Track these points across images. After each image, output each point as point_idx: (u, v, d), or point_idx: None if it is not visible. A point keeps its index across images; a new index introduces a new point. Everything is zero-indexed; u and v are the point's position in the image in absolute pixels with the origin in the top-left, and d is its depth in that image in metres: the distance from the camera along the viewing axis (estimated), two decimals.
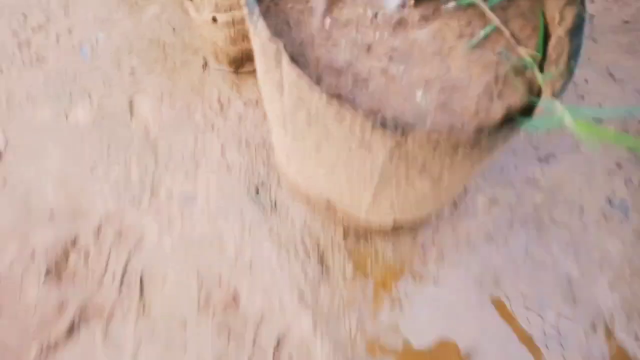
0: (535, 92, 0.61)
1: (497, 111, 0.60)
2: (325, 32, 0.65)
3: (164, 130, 1.13)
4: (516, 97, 0.61)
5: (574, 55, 0.53)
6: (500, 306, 0.97)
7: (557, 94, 0.52)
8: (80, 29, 1.25)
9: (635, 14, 1.23)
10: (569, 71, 0.52)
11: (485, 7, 0.65)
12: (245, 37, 1.07)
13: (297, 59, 0.63)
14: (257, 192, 1.06)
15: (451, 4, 0.66)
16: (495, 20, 0.65)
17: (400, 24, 0.66)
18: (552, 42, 0.63)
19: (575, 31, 0.54)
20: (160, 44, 1.23)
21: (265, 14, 0.65)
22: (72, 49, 1.23)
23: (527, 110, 0.59)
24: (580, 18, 0.54)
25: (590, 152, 1.12)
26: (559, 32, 0.61)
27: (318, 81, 0.62)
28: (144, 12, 1.27)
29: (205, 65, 1.20)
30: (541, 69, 0.64)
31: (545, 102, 0.47)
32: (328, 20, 0.66)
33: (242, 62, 1.16)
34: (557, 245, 1.04)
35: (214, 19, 1.01)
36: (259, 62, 0.65)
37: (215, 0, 0.97)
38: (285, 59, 0.53)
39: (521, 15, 0.67)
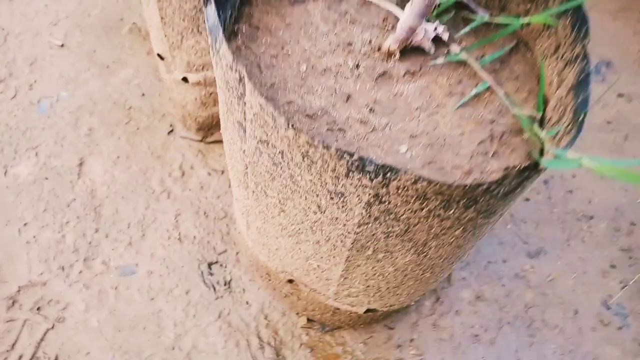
0: (534, 154, 0.54)
1: (494, 171, 0.52)
2: (300, 78, 0.59)
3: (113, 195, 1.02)
4: (515, 157, 0.54)
5: (582, 106, 0.47)
6: None
7: (569, 145, 0.45)
8: (42, 86, 1.18)
9: (616, 115, 1.24)
10: (579, 123, 0.45)
11: (476, 65, 0.61)
12: (216, 101, 1.01)
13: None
14: (210, 270, 0.93)
15: (440, 60, 0.61)
16: (488, 79, 0.60)
17: (384, 76, 0.61)
18: (551, 104, 0.58)
19: (581, 85, 0.49)
20: (126, 107, 1.16)
21: (235, 55, 0.59)
22: (30, 104, 1.16)
23: (527, 174, 0.52)
24: (585, 74, 0.49)
25: (582, 250, 1.04)
26: (559, 94, 0.56)
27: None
28: (115, 75, 1.22)
29: (171, 131, 1.13)
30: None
31: (557, 152, 0.40)
32: (304, 67, 0.60)
33: (211, 130, 1.09)
34: (550, 350, 0.92)
35: (185, 79, 0.96)
36: (221, 102, 0.58)
37: (187, 58, 0.93)
38: (248, 87, 0.45)
39: (515, 78, 0.62)
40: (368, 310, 0.78)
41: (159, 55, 0.97)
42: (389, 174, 0.43)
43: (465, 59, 0.61)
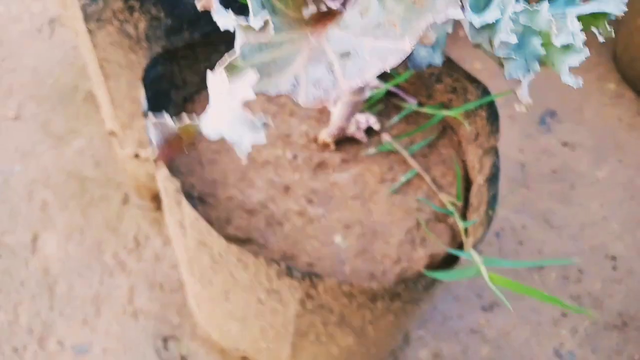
0: (458, 240, 0.61)
1: (420, 259, 0.59)
2: (240, 172, 0.65)
3: (67, 272, 1.05)
4: (439, 245, 0.60)
5: (491, 203, 0.54)
6: None
7: (477, 243, 0.52)
8: None
9: (562, 164, 1.34)
10: (488, 220, 0.52)
11: (405, 154, 0.68)
12: None
13: (206, 199, 0.62)
14: (165, 345, 0.96)
15: (372, 150, 0.68)
16: (416, 166, 0.67)
17: (321, 166, 0.67)
18: (474, 189, 0.65)
19: (492, 180, 0.56)
20: (81, 179, 1.20)
21: (172, 168, 0.65)
22: None
23: (452, 259, 0.58)
24: (495, 167, 0.56)
25: (534, 300, 1.11)
26: (479, 180, 0.63)
27: (227, 222, 0.60)
28: (69, 145, 1.26)
29: (125, 200, 1.16)
30: (465, 217, 0.65)
31: (463, 254, 0.46)
32: (244, 160, 0.66)
33: None
34: None
35: (137, 155, 1.01)
36: (164, 200, 0.63)
37: (138, 136, 0.98)
38: (184, 201, 0.51)
39: (442, 162, 0.70)
40: None
41: (111, 132, 1.02)
42: (314, 279, 0.48)
43: (396, 149, 0.68)
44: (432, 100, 0.73)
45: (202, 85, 0.71)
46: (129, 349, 0.97)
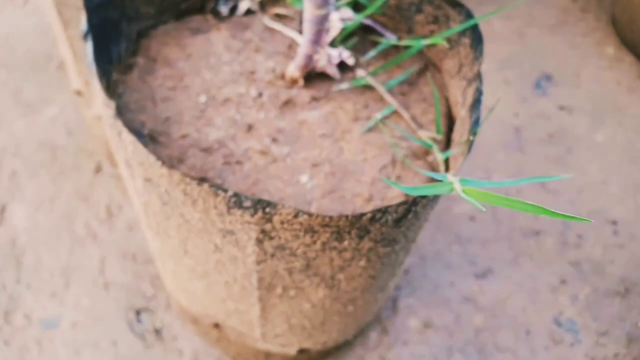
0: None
1: (395, 198, 0.51)
2: (198, 110, 0.58)
3: (35, 243, 0.98)
4: (417, 181, 0.53)
5: (472, 128, 0.46)
6: None
7: (456, 170, 0.45)
8: None
9: (559, 127, 1.27)
10: (468, 146, 0.45)
11: (382, 89, 0.60)
12: None
13: (158, 137, 0.55)
14: (138, 317, 0.89)
15: (344, 85, 0.61)
16: (393, 102, 0.60)
17: (288, 104, 0.60)
18: (457, 124, 0.58)
19: (474, 105, 0.49)
20: (51, 147, 1.13)
21: (128, 89, 0.58)
22: None
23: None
24: (478, 92, 0.49)
25: (531, 267, 1.04)
26: (462, 114, 0.56)
27: (180, 162, 0.53)
28: (40, 113, 1.19)
29: (98, 169, 1.09)
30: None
31: (439, 176, 0.39)
32: (203, 98, 0.59)
33: None
34: None
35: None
36: (110, 140, 0.56)
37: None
38: (120, 125, 0.44)
39: (423, 100, 0.62)
40: (301, 351, 0.75)
41: (77, 91, 0.95)
42: (268, 209, 0.41)
43: (370, 83, 0.61)
44: (412, 34, 0.66)
45: (159, 19, 0.64)
46: (99, 323, 0.90)
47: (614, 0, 1.54)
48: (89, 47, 0.50)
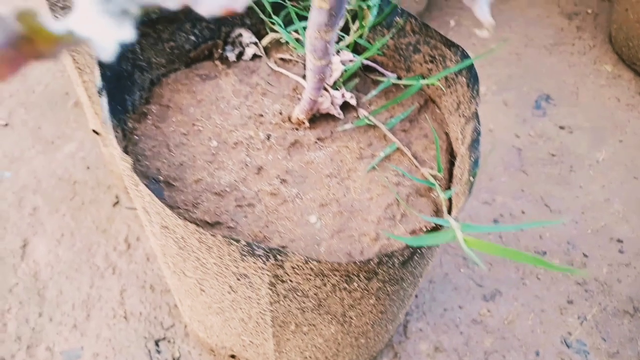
0: (442, 213, 0.55)
1: (401, 235, 0.53)
2: (210, 154, 0.60)
3: (57, 276, 1.00)
4: (421, 220, 0.54)
5: (472, 169, 0.48)
6: None
7: (458, 211, 0.46)
8: None
9: (560, 147, 1.27)
10: (469, 187, 0.46)
11: (384, 128, 0.62)
12: None
13: (173, 182, 0.56)
14: (157, 347, 0.91)
15: (348, 125, 0.63)
16: (395, 140, 0.61)
17: (295, 145, 0.62)
18: (458, 160, 0.59)
19: (473, 145, 0.50)
20: (71, 182, 1.16)
21: (143, 137, 0.60)
22: None
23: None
24: (476, 132, 0.50)
25: (538, 288, 1.04)
26: (462, 150, 0.58)
27: (194, 206, 0.55)
28: (59, 150, 1.22)
29: (116, 203, 1.12)
30: (450, 189, 0.59)
31: (441, 221, 0.40)
32: (215, 142, 0.61)
33: None
34: None
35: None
36: (128, 187, 0.58)
37: None
38: (135, 177, 0.45)
39: (424, 136, 0.64)
40: None
41: (94, 130, 0.98)
42: (279, 256, 0.42)
43: (373, 123, 0.62)
44: (411, 72, 0.67)
45: (170, 67, 0.66)
46: (120, 353, 0.92)
47: (610, 18, 1.55)
48: (104, 103, 0.52)
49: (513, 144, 1.27)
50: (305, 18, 0.67)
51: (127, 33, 0.18)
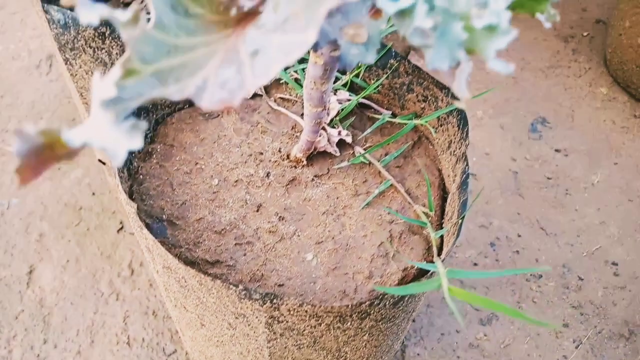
0: (433, 251, 0.56)
1: (393, 274, 0.54)
2: (211, 192, 0.62)
3: (62, 302, 1.02)
4: (413, 257, 0.56)
5: (460, 211, 0.50)
6: None
7: (446, 254, 0.48)
8: None
9: (556, 170, 1.29)
10: (458, 228, 0.48)
11: (378, 165, 0.64)
12: None
13: (176, 221, 0.58)
14: None
15: (344, 163, 0.65)
16: (389, 177, 0.63)
17: (293, 182, 0.64)
18: (449, 198, 0.61)
19: (462, 186, 0.52)
20: (77, 208, 1.18)
21: (148, 176, 0.62)
22: None
23: (427, 272, 0.54)
24: (464, 174, 0.52)
25: (534, 311, 1.05)
26: (453, 189, 0.60)
27: (196, 245, 0.57)
28: (66, 176, 1.25)
29: (120, 228, 1.14)
30: (442, 226, 0.60)
31: (429, 266, 0.42)
32: (216, 181, 0.63)
33: None
34: None
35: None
36: (132, 226, 0.60)
37: None
38: (138, 223, 0.48)
39: (417, 173, 0.66)
40: None
41: (100, 160, 1.00)
42: (275, 300, 0.44)
43: (368, 160, 0.64)
44: (405, 110, 0.70)
45: (174, 106, 0.69)
46: None
47: (605, 41, 1.58)
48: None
49: (509, 168, 1.29)
50: (303, 60, 0.69)
51: (137, 143, 0.20)
